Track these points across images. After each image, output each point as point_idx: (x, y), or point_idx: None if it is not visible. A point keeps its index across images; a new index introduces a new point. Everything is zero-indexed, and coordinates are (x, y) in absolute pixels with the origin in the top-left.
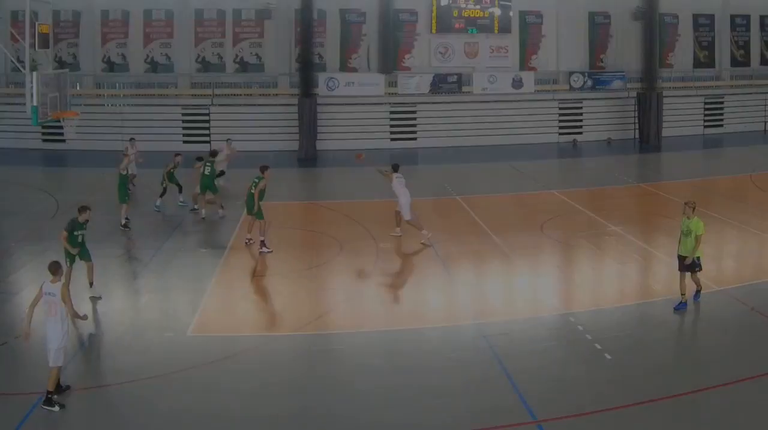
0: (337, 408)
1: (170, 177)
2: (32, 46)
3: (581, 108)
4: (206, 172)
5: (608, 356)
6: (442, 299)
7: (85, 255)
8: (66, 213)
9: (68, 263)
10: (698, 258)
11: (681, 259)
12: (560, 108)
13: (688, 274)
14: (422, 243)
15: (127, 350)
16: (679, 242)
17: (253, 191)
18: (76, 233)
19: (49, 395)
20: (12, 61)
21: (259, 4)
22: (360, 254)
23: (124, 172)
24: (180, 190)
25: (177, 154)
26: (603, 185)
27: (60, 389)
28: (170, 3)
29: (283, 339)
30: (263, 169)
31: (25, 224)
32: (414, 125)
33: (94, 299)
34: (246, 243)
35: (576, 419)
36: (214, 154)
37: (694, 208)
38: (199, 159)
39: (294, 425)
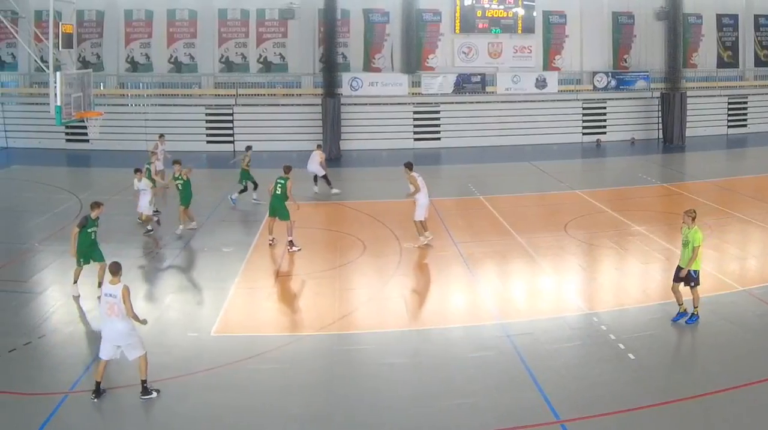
0: (361, 408)
1: (244, 174)
2: (56, 46)
3: (605, 108)
4: (277, 192)
5: (632, 356)
6: (465, 298)
7: (97, 256)
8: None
9: (81, 263)
10: (695, 271)
11: (679, 269)
12: (584, 108)
13: (682, 285)
14: (417, 246)
15: (150, 349)
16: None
17: (279, 193)
18: (88, 229)
19: (144, 385)
20: (36, 61)
21: (282, 4)
22: (383, 254)
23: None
24: (255, 187)
25: (248, 147)
26: (626, 185)
27: (99, 391)
28: (194, 3)
29: (307, 339)
30: (287, 169)
31: (49, 224)
32: (437, 125)
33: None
34: (270, 244)
35: (600, 419)
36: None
37: (694, 218)
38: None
39: (317, 424)
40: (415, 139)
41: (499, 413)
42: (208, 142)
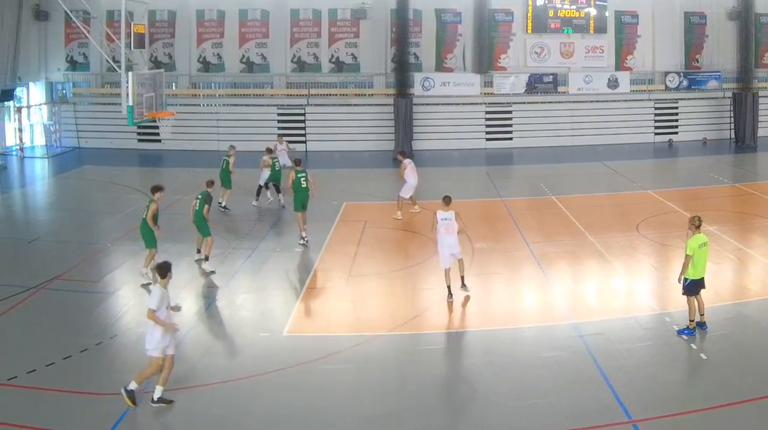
0: (432, 408)
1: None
2: (128, 46)
3: (677, 108)
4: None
5: (704, 356)
6: (537, 298)
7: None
8: (162, 212)
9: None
10: (686, 280)
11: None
12: (656, 108)
13: (698, 295)
14: (395, 218)
15: (223, 349)
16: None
17: (305, 186)
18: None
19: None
20: (108, 61)
21: (355, 4)
22: None
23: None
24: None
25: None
26: (698, 185)
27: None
28: (266, 3)
29: (379, 339)
30: (298, 162)
31: (121, 224)
32: (510, 125)
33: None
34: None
35: (672, 419)
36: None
37: (698, 226)
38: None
39: (389, 424)
40: (487, 140)
41: (571, 412)
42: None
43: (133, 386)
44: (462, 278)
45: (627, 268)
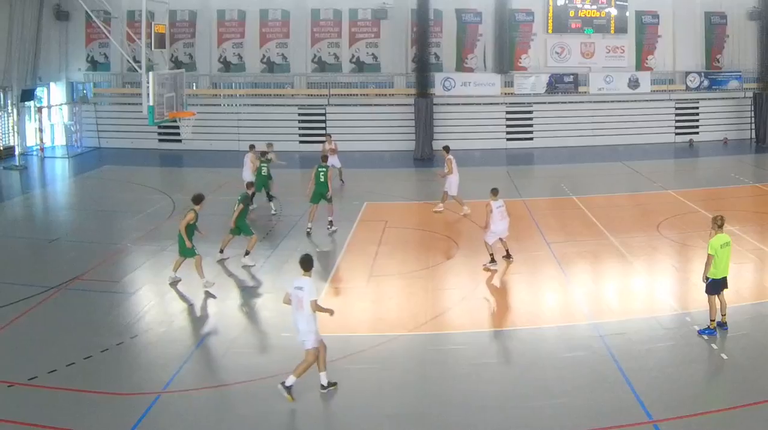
0: (454, 408)
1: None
2: (148, 46)
3: (697, 108)
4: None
5: (725, 356)
6: (558, 298)
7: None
8: (182, 213)
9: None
10: (707, 279)
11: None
12: (676, 108)
13: (720, 294)
14: (464, 214)
15: (244, 349)
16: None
17: (322, 180)
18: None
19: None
20: (128, 61)
21: (375, 4)
22: (476, 254)
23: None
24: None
25: (251, 146)
26: (719, 185)
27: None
28: (287, 3)
29: (400, 339)
30: (325, 158)
31: (142, 224)
32: (530, 125)
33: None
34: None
35: (692, 419)
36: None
37: (720, 226)
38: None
39: (411, 424)
40: (508, 139)
41: (591, 412)
42: (301, 142)
43: (291, 381)
44: (507, 250)
45: (648, 268)
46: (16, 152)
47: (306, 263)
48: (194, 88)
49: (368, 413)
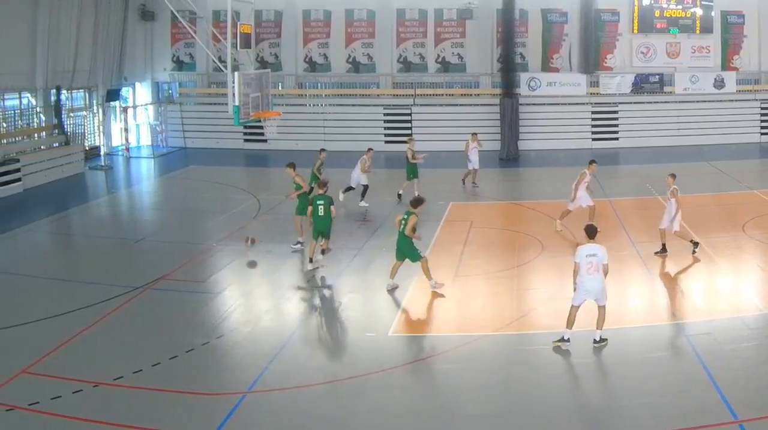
0: (538, 408)
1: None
2: (234, 46)
3: None
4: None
5: None
6: (643, 299)
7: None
8: (268, 213)
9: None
10: None
11: None
12: (762, 108)
13: None
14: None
15: (328, 350)
16: None
17: (322, 214)
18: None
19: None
20: (214, 61)
21: (461, 4)
22: (561, 254)
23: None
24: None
25: (323, 149)
26: None
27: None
28: (372, 3)
29: (485, 339)
30: (323, 185)
31: (228, 224)
32: (616, 125)
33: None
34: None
35: None
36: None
37: None
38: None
39: (495, 425)
40: (593, 139)
41: (677, 412)
42: (387, 142)
43: (598, 335)
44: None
45: (733, 268)
46: (102, 152)
47: (591, 231)
48: (280, 88)
49: (451, 413)
